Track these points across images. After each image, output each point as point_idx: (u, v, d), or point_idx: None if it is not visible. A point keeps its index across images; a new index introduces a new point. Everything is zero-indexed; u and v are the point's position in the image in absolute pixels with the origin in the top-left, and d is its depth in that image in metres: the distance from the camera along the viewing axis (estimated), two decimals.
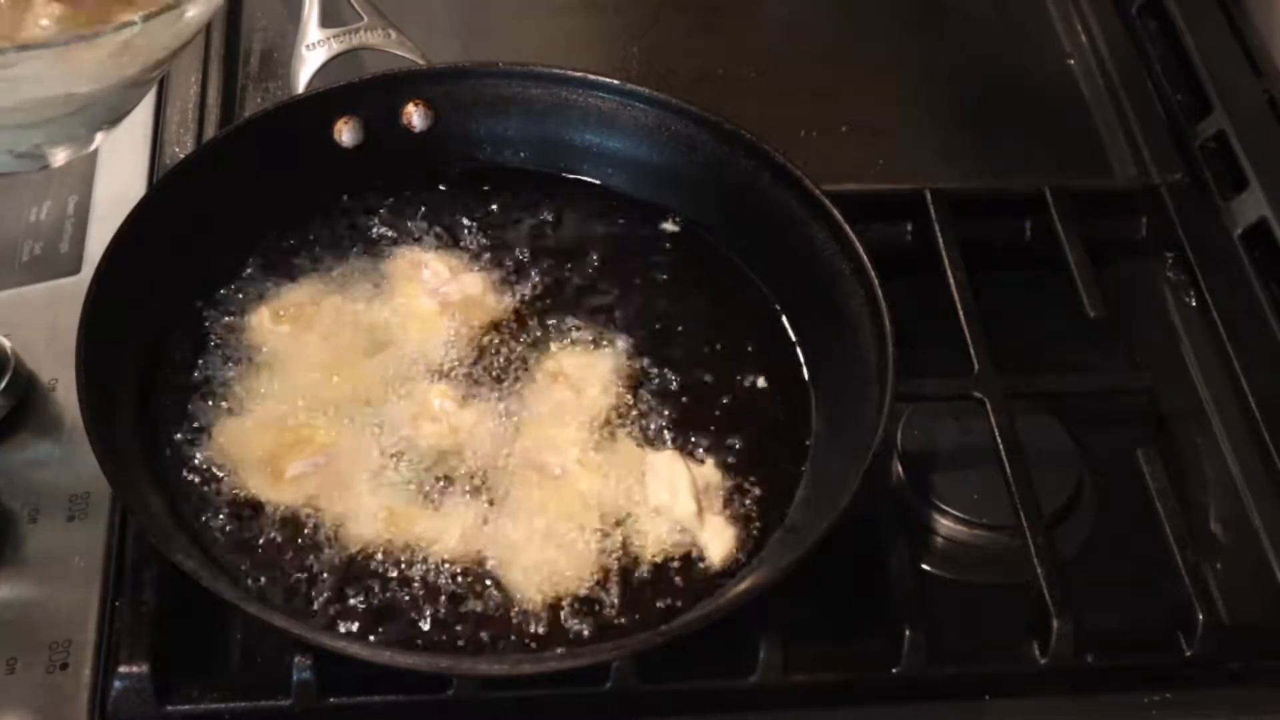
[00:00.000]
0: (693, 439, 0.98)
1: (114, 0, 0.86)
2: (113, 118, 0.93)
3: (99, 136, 0.94)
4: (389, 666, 0.85)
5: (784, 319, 1.04)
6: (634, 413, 0.99)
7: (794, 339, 1.04)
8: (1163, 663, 0.95)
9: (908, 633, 0.91)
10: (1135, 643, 0.96)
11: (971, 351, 1.05)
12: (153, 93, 1.17)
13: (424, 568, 0.91)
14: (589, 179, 1.11)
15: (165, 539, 0.85)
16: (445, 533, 0.92)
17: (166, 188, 1.01)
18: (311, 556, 0.91)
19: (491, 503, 0.94)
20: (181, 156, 1.07)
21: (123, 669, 0.88)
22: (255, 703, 0.89)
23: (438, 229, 1.07)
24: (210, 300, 1.02)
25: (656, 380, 1.00)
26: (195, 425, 0.96)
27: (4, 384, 0.98)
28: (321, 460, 0.95)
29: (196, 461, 0.94)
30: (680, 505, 0.94)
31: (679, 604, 0.91)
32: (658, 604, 0.91)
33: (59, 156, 0.93)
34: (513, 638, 0.89)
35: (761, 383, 1.01)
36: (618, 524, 0.93)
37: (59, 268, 1.06)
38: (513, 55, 1.10)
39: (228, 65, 1.23)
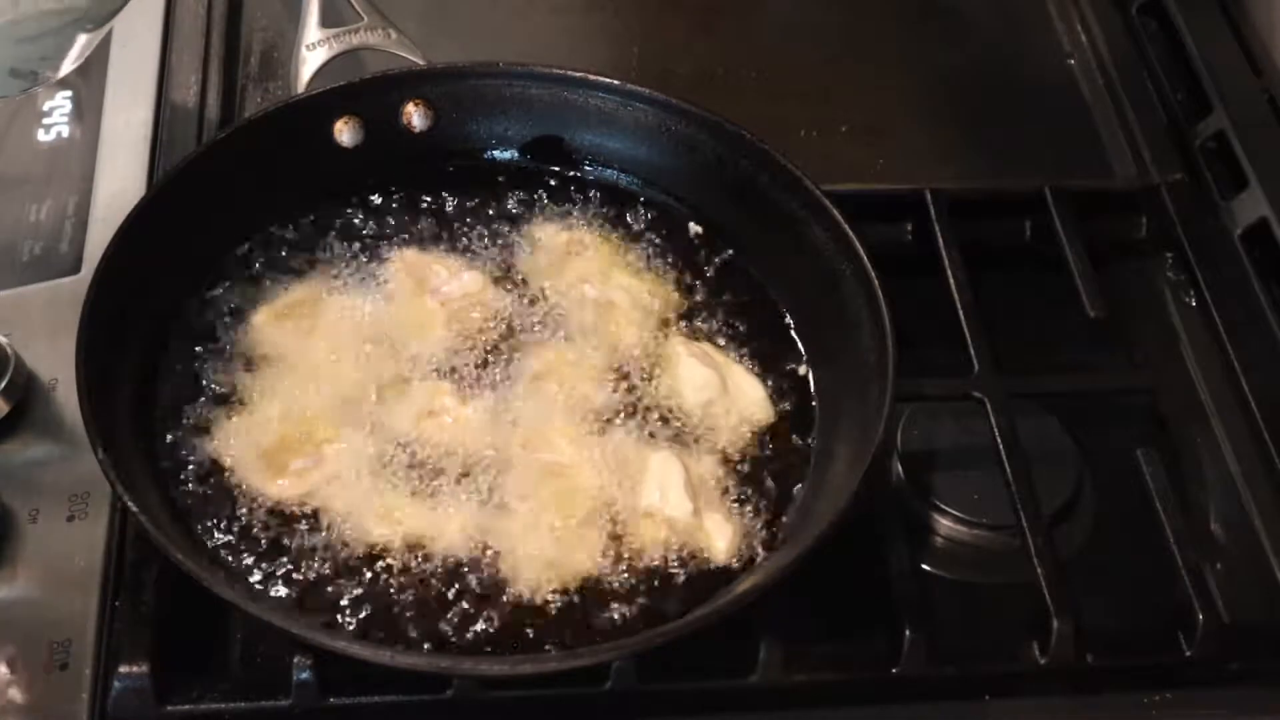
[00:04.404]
0: (692, 437, 0.98)
1: None
2: (99, 24, 0.97)
3: (82, 39, 0.97)
4: (389, 666, 0.85)
5: (784, 318, 1.04)
6: (633, 411, 0.99)
7: (794, 338, 1.04)
8: (1163, 663, 0.95)
9: (908, 633, 0.91)
10: (1135, 643, 0.96)
11: (971, 351, 1.05)
12: (153, 92, 1.17)
13: (424, 564, 0.91)
14: (589, 179, 1.11)
15: (165, 539, 0.85)
16: (445, 529, 0.92)
17: (166, 188, 1.01)
18: (312, 555, 0.91)
19: (491, 499, 0.94)
20: (181, 156, 1.06)
21: (123, 669, 0.88)
22: (255, 703, 0.89)
23: (438, 229, 1.07)
24: (210, 300, 1.02)
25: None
26: (195, 424, 0.96)
27: (4, 384, 0.97)
28: (322, 458, 0.95)
29: (197, 461, 0.94)
30: (673, 505, 0.94)
31: (679, 603, 0.91)
32: (658, 603, 0.91)
33: (52, 72, 0.96)
34: (513, 635, 0.89)
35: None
36: (618, 522, 0.93)
37: (59, 268, 1.06)
38: (513, 55, 1.10)
39: (228, 65, 1.22)
